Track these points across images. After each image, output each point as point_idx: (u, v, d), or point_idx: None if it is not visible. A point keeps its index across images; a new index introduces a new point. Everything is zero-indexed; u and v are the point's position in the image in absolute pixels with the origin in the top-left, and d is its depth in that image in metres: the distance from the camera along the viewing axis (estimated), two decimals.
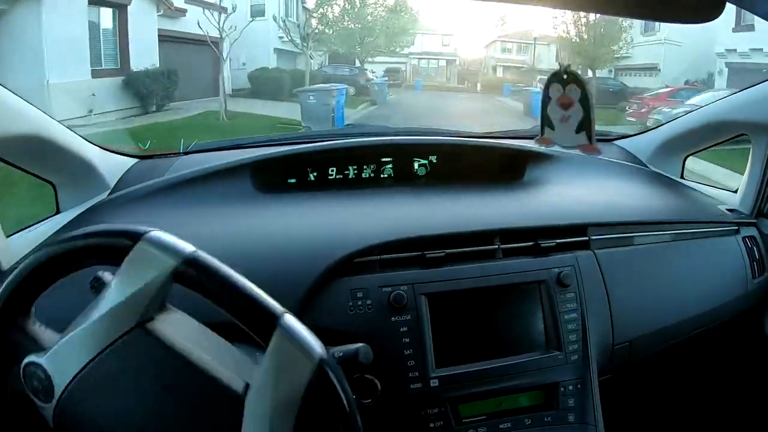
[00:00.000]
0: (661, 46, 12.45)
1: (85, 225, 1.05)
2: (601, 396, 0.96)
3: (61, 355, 0.52)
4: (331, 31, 14.16)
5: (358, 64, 14.90)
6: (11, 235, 1.00)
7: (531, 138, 1.43)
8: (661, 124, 1.46)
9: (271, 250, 0.92)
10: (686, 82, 11.32)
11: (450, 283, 0.93)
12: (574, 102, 0.97)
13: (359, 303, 0.90)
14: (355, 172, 1.24)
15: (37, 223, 1.09)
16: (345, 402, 0.51)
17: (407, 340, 0.89)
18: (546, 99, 1.00)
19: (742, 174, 1.30)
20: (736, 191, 1.31)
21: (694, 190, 1.34)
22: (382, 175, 1.25)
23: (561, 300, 0.96)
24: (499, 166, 1.25)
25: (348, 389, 0.52)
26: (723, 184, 1.42)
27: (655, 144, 1.42)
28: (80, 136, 1.14)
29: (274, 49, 12.31)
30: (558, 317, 0.95)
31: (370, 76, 14.81)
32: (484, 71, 20.12)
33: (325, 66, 14.58)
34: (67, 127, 1.10)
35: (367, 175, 1.24)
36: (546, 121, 1.03)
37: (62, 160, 1.08)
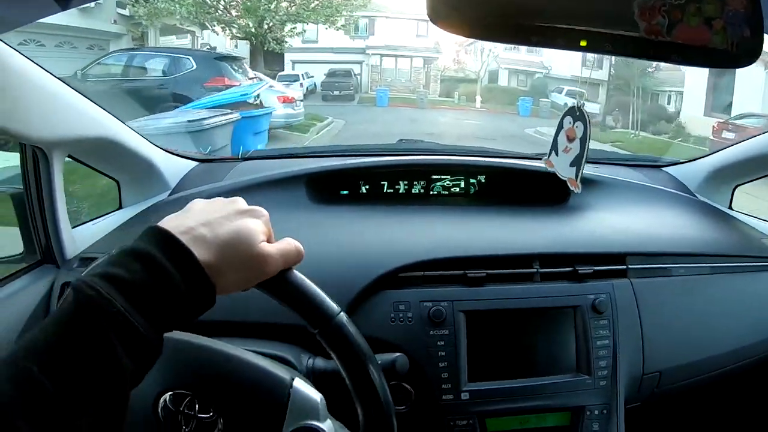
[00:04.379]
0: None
1: (146, 222, 1.18)
2: (626, 424, 0.99)
3: None
4: None
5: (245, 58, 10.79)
6: (76, 226, 1.09)
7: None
8: (713, 152, 1.44)
9: (321, 258, 0.97)
10: None
11: (488, 302, 0.98)
12: (576, 138, 1.05)
13: (400, 315, 0.95)
14: (406, 187, 1.30)
15: (101, 216, 1.19)
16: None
17: (443, 353, 0.94)
18: (560, 126, 1.08)
19: None
20: None
21: (741, 221, 1.32)
22: (431, 192, 1.31)
23: (594, 326, 0.98)
24: (545, 189, 1.26)
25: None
26: None
27: (704, 172, 1.41)
28: (146, 139, 1.23)
29: None
30: (590, 342, 0.97)
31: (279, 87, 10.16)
32: (481, 77, 14.90)
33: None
34: (134, 130, 1.19)
35: (417, 191, 1.31)
36: (554, 146, 1.10)
37: (128, 161, 1.18)
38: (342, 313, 0.59)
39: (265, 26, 11.89)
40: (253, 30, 11.95)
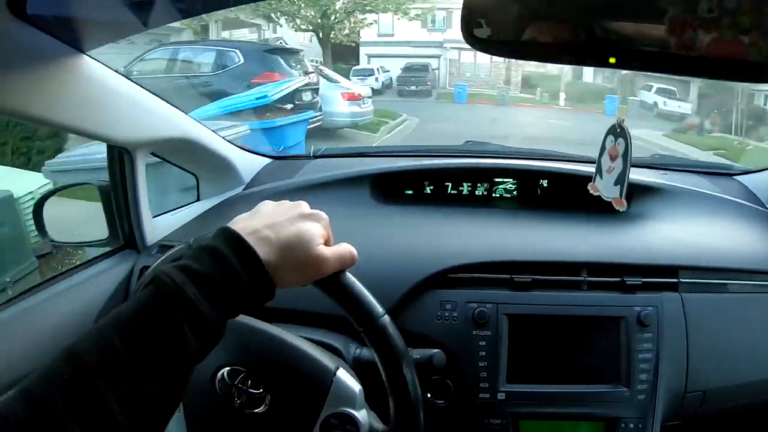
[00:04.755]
0: None
1: (220, 214, 1.30)
2: None
3: None
4: None
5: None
6: (156, 216, 1.20)
7: (646, 167, 1.41)
8: None
9: (379, 254, 1.03)
10: None
11: (532, 307, 0.99)
12: (618, 155, 1.02)
13: (446, 314, 0.99)
14: (470, 189, 1.34)
15: (179, 208, 1.30)
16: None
17: (483, 353, 0.96)
18: (602, 148, 1.05)
19: None
20: None
21: None
22: (494, 195, 1.33)
23: (638, 339, 0.97)
24: None
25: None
26: None
27: None
28: (222, 137, 1.33)
29: None
30: (632, 355, 0.96)
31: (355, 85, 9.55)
32: (564, 72, 13.39)
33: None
34: (213, 131, 1.29)
35: (480, 193, 1.34)
36: (598, 169, 1.08)
37: (205, 158, 1.27)
38: (385, 316, 0.65)
39: (331, 17, 11.45)
40: (317, 21, 11.47)
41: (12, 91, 0.73)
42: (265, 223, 0.57)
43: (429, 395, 0.97)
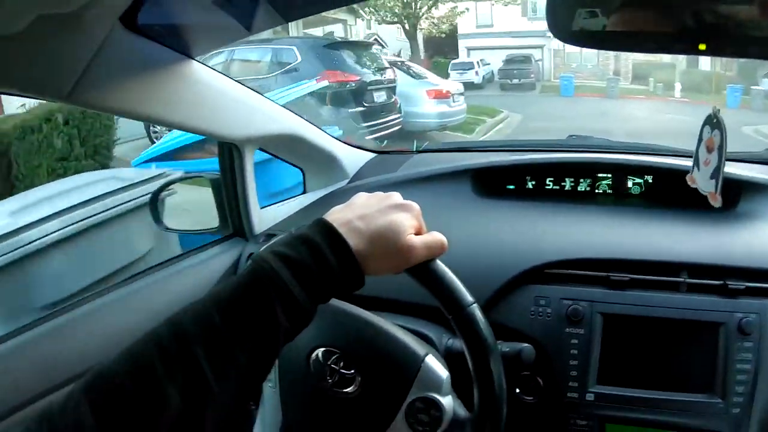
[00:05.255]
0: None
1: (325, 206, 1.41)
2: None
3: None
4: None
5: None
6: (264, 207, 1.30)
7: (762, 163, 1.31)
8: None
9: (478, 247, 1.06)
10: None
11: (628, 308, 0.96)
12: (714, 148, 0.96)
13: (540, 310, 0.98)
14: (572, 184, 1.31)
15: (287, 199, 1.39)
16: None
17: (575, 351, 0.95)
18: (699, 139, 1.00)
19: None
20: None
21: None
22: (597, 190, 1.30)
23: (737, 348, 0.91)
24: None
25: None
26: None
27: None
28: (328, 134, 1.41)
29: None
30: (729, 364, 0.91)
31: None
32: (679, 60, 11.85)
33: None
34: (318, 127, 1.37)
35: (583, 189, 1.31)
36: (695, 161, 1.02)
37: (311, 152, 1.36)
38: (474, 305, 0.67)
39: (415, 6, 10.69)
40: (400, 12, 10.81)
41: (130, 96, 0.85)
42: (358, 214, 0.61)
43: (518, 390, 0.98)
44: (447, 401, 0.75)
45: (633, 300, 0.96)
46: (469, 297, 0.67)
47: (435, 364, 0.77)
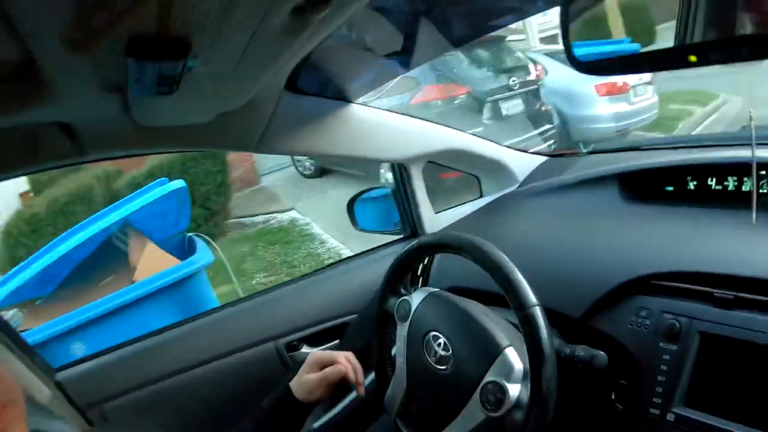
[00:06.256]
0: None
1: (492, 211, 1.54)
2: None
3: None
4: None
5: None
6: (439, 212, 1.51)
7: None
8: None
9: (593, 253, 1.10)
10: None
11: (729, 329, 0.86)
12: None
13: (639, 321, 0.96)
14: (735, 184, 1.14)
15: (462, 204, 1.58)
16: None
17: (665, 368, 0.91)
18: None
19: None
20: None
21: None
22: (761, 191, 1.09)
23: None
24: None
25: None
26: None
27: None
28: (495, 142, 1.54)
29: None
30: None
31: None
32: None
33: None
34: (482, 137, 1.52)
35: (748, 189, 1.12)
36: None
37: (478, 161, 1.52)
38: (536, 307, 0.79)
39: None
40: None
41: (302, 140, 1.16)
42: None
43: (613, 396, 0.98)
44: (513, 389, 0.87)
45: (736, 321, 0.86)
46: (533, 298, 0.77)
47: (512, 355, 0.89)
